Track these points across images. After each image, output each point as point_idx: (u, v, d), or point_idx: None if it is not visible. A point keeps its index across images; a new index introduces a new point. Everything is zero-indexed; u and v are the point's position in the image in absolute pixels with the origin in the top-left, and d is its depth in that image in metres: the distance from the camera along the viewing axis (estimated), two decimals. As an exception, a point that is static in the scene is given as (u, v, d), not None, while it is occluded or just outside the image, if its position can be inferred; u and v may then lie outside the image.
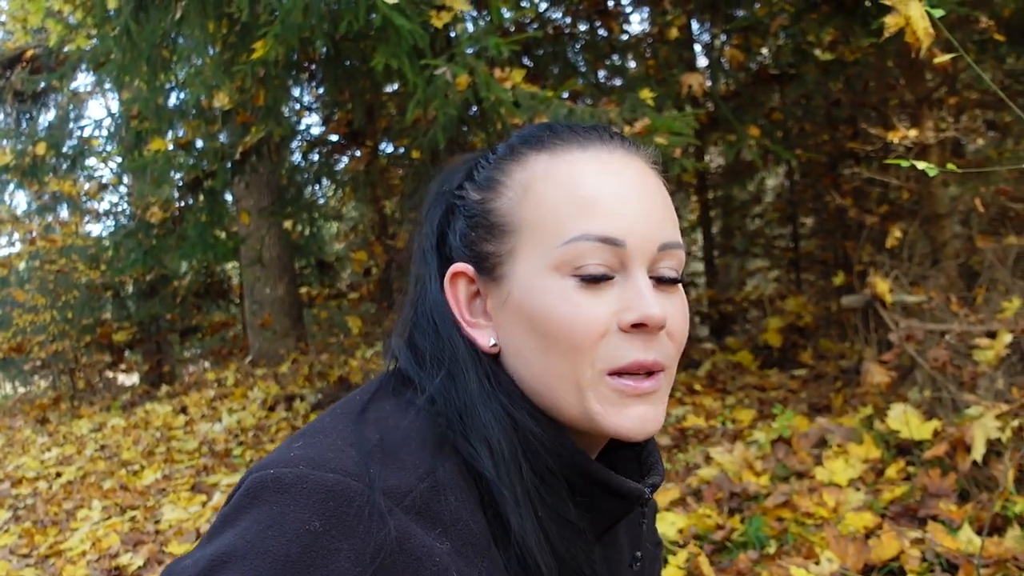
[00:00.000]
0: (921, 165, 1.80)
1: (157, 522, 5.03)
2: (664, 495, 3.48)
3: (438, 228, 0.99)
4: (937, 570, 2.49)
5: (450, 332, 0.92)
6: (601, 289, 0.87)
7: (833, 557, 2.61)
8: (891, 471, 3.34)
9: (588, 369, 0.87)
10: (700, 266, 9.94)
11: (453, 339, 0.92)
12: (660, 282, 0.90)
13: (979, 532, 2.60)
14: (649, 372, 0.88)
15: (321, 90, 6.84)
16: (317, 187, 8.31)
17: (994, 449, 3.03)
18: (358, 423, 0.86)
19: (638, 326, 0.86)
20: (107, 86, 12.82)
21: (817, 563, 2.62)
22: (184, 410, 8.78)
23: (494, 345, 0.92)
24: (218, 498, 5.29)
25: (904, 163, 1.83)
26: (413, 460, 0.82)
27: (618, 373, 0.87)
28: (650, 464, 1.03)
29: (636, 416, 0.88)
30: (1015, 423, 2.99)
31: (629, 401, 0.87)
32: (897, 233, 5.00)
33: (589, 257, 0.86)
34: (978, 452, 2.98)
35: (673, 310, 0.91)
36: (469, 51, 4.11)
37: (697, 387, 5.70)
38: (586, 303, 0.86)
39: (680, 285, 0.94)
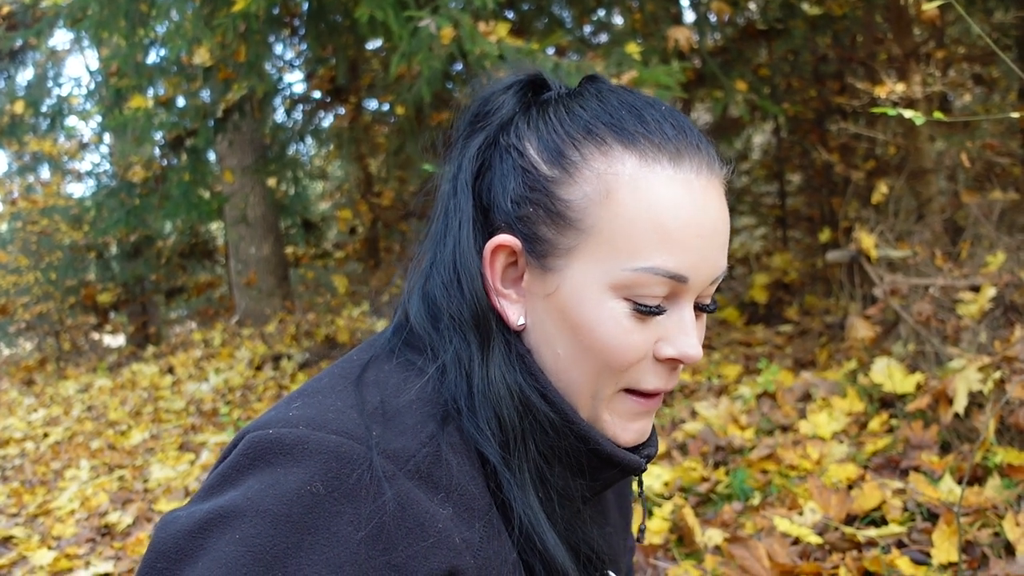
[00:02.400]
0: (908, 114, 1.80)
1: (146, 481, 5.05)
2: (650, 449, 3.51)
3: (474, 161, 0.92)
4: (918, 519, 2.52)
5: (477, 294, 0.88)
6: (650, 318, 0.86)
7: (816, 508, 2.65)
8: (874, 424, 3.38)
9: (612, 387, 0.88)
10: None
11: (480, 303, 0.88)
12: (699, 310, 0.90)
13: (960, 482, 2.64)
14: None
15: (304, 46, 6.74)
16: (301, 145, 8.23)
17: (976, 401, 3.06)
18: (358, 385, 0.85)
19: (672, 360, 0.87)
20: (85, 43, 12.61)
21: (800, 514, 2.66)
22: (171, 370, 8.77)
23: (521, 324, 0.90)
24: (206, 456, 5.30)
25: (892, 112, 1.82)
26: (415, 425, 0.81)
27: (635, 392, 0.89)
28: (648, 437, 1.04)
29: (636, 430, 0.91)
30: (996, 375, 3.01)
31: (637, 417, 0.90)
32: (883, 189, 5.00)
33: (652, 288, 0.84)
34: (960, 404, 3.01)
35: (700, 337, 0.91)
36: (453, 4, 4.05)
37: (683, 343, 5.71)
38: (635, 331, 0.85)
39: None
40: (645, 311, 0.84)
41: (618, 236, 0.83)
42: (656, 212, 0.82)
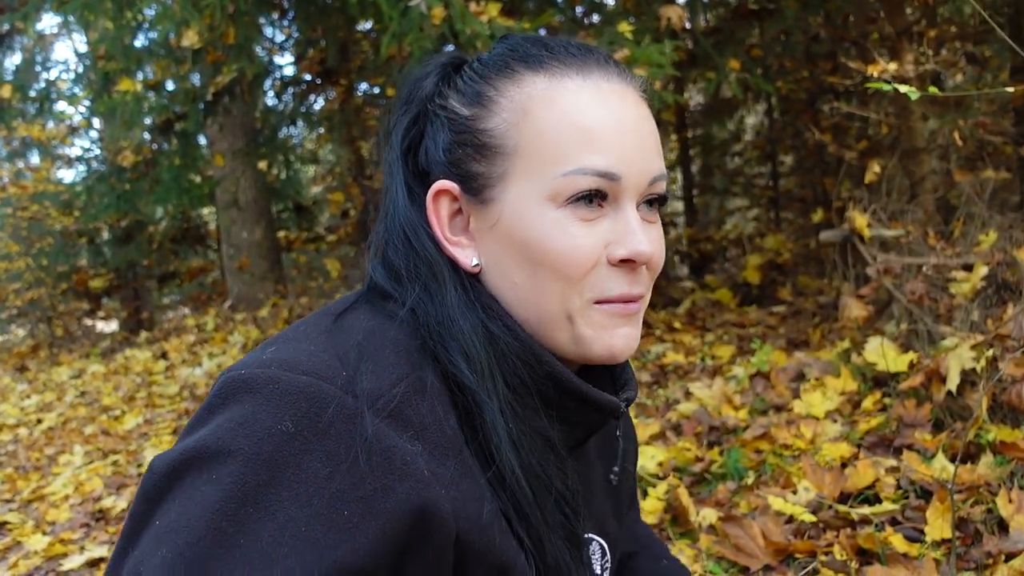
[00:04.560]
0: (903, 89, 1.78)
1: (139, 465, 5.04)
2: (644, 429, 3.52)
3: (405, 136, 0.97)
4: (912, 497, 2.53)
5: (424, 245, 0.92)
6: (594, 220, 0.88)
7: (810, 486, 2.65)
8: (867, 403, 3.38)
9: (577, 298, 0.89)
10: (680, 205, 9.94)
11: (429, 253, 0.91)
12: (647, 206, 0.93)
13: (953, 460, 2.65)
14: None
15: (294, 28, 6.68)
16: (292, 128, 8.19)
17: (969, 379, 3.06)
18: (333, 329, 0.87)
19: (626, 261, 0.89)
20: (73, 27, 12.49)
21: (794, 492, 2.66)
22: (164, 355, 8.75)
23: (476, 265, 0.92)
24: (200, 441, 5.29)
25: (886, 87, 1.81)
26: (388, 366, 0.82)
27: (607, 302, 0.90)
28: (624, 380, 1.05)
29: (623, 336, 0.91)
30: (989, 353, 3.02)
31: (619, 322, 0.90)
32: (876, 168, 4.99)
33: (586, 189, 0.86)
34: (953, 382, 3.01)
35: (654, 238, 0.92)
36: (444, -17, 4.01)
37: (677, 325, 5.73)
38: (580, 234, 0.87)
39: (657, 214, 0.96)
40: (586, 197, 0.87)
41: (542, 148, 0.87)
42: (572, 117, 0.87)
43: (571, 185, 0.86)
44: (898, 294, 3.95)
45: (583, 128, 0.86)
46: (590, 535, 1.06)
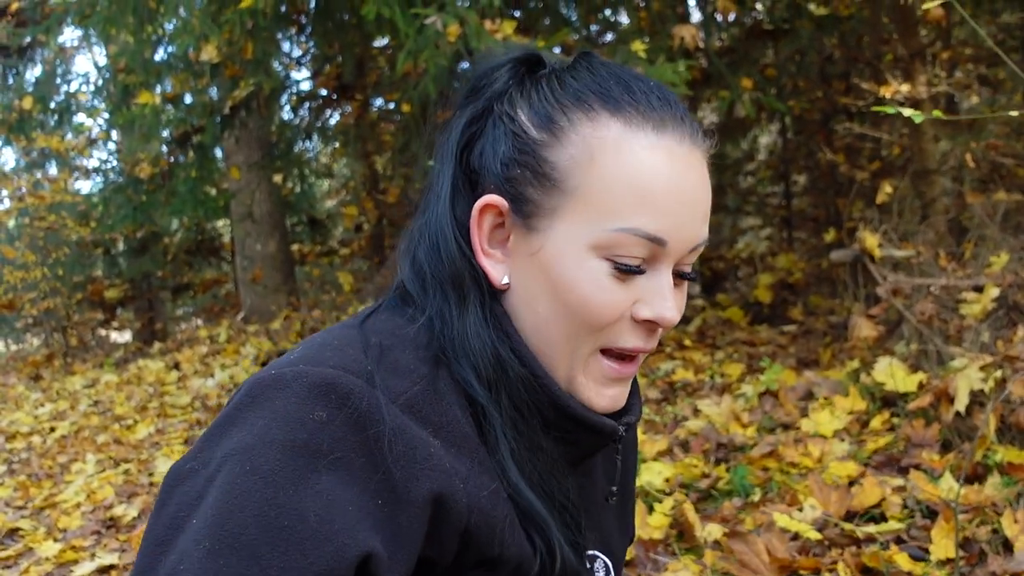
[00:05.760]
0: (907, 112, 1.81)
1: (151, 474, 5.07)
2: (651, 446, 3.52)
3: (465, 132, 0.96)
4: (918, 516, 2.53)
5: (454, 253, 0.92)
6: (629, 279, 0.89)
7: (816, 504, 2.66)
8: (876, 422, 3.38)
9: (588, 345, 0.91)
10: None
11: (457, 261, 0.92)
12: (679, 276, 0.94)
13: (958, 479, 2.65)
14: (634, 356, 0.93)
15: (311, 43, 6.76)
16: (307, 142, 8.26)
17: (977, 400, 3.07)
18: (357, 330, 0.89)
19: (649, 321, 0.90)
20: (94, 40, 12.65)
21: (800, 510, 2.67)
22: (177, 366, 8.80)
23: (506, 283, 0.93)
24: (211, 451, 5.32)
25: (891, 110, 1.83)
26: (407, 365, 0.85)
27: (611, 352, 0.92)
28: (628, 405, 1.05)
29: (610, 396, 0.94)
30: (998, 374, 3.02)
31: (612, 384, 0.93)
32: (888, 189, 5.00)
33: (631, 248, 0.87)
34: (961, 403, 3.01)
35: (679, 303, 0.94)
36: (460, 1, 4.07)
37: (687, 342, 5.73)
38: (613, 291, 0.88)
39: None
40: (624, 269, 0.87)
41: (600, 198, 0.87)
42: (637, 175, 0.86)
43: (618, 242, 0.86)
44: (908, 314, 3.95)
45: (645, 190, 0.86)
46: (594, 552, 1.07)
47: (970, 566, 2.20)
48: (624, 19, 7.07)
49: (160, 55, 6.63)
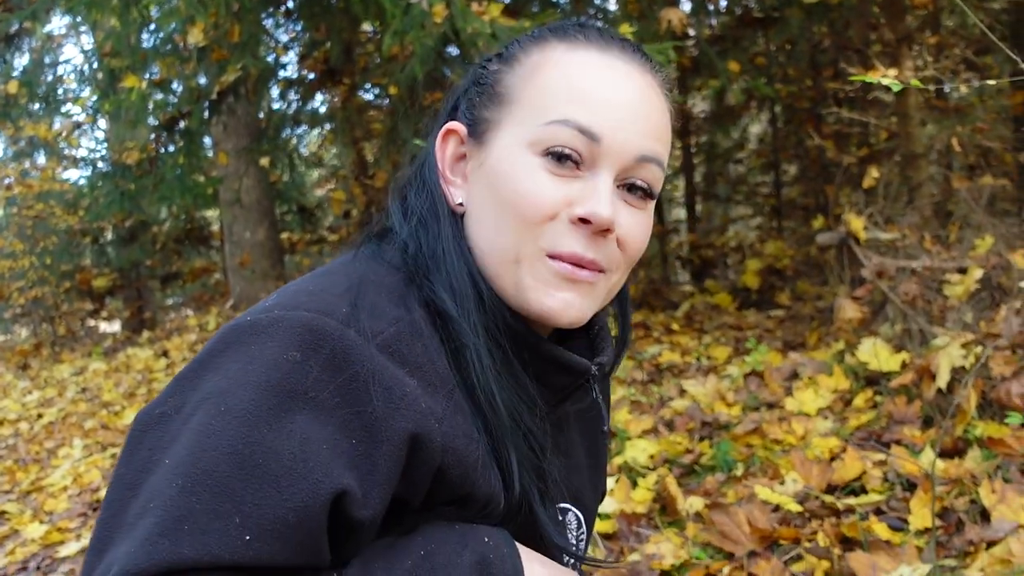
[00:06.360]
0: (887, 81, 1.81)
1: (138, 458, 5.06)
2: (637, 425, 3.54)
3: (457, 94, 1.03)
4: (897, 488, 2.55)
5: (434, 183, 0.98)
6: (565, 177, 0.90)
7: (798, 478, 2.67)
8: (859, 400, 3.40)
9: (530, 245, 0.90)
10: (682, 212, 9.96)
11: (434, 190, 0.97)
12: (629, 191, 0.93)
13: (936, 451, 2.67)
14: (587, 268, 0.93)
15: (298, 27, 6.74)
16: (296, 129, 8.24)
17: (958, 377, 3.08)
18: (333, 275, 0.90)
19: (584, 221, 0.89)
20: (82, 29, 12.57)
21: (782, 483, 2.68)
22: (165, 354, 8.78)
23: (460, 204, 0.97)
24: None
25: (871, 79, 1.83)
26: (383, 307, 0.86)
27: (558, 258, 0.91)
28: (601, 347, 1.06)
29: (562, 299, 0.91)
30: (979, 351, 3.04)
31: (562, 284, 0.91)
32: (874, 173, 5.01)
33: (564, 143, 0.89)
34: (943, 380, 3.03)
35: (631, 221, 0.94)
36: (446, -18, 4.05)
37: (675, 327, 5.75)
38: (545, 182, 0.89)
39: (650, 205, 0.97)
40: (557, 156, 0.89)
41: (536, 100, 0.92)
42: (572, 77, 0.91)
43: (551, 134, 0.89)
44: (892, 295, 3.97)
45: (577, 87, 0.90)
46: (566, 505, 1.08)
47: (948, 535, 2.22)
48: (612, 6, 7.07)
49: (147, 41, 6.59)
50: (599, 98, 0.90)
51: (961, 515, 2.28)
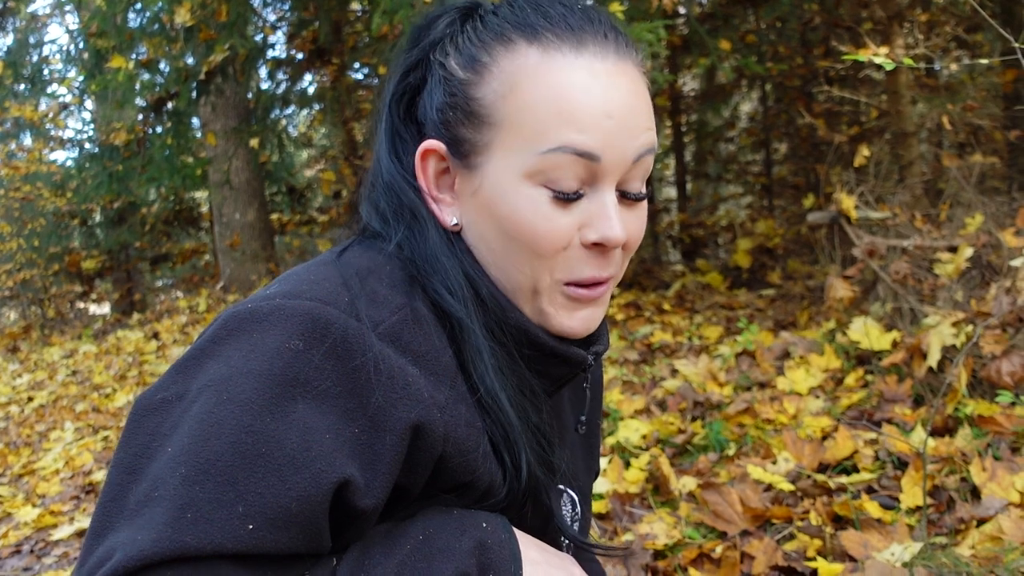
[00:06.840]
0: (878, 59, 1.80)
1: (130, 441, 5.05)
2: (629, 405, 3.55)
3: (400, 82, 0.97)
4: (889, 467, 2.57)
5: (406, 194, 0.94)
6: (571, 203, 0.88)
7: (790, 457, 2.69)
8: (850, 379, 3.42)
9: (547, 277, 0.90)
10: (672, 191, 9.95)
11: (410, 200, 0.94)
12: (625, 196, 0.92)
13: (928, 429, 2.68)
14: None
15: (286, 6, 6.67)
16: (285, 109, 8.18)
17: (949, 356, 3.10)
18: (333, 264, 0.89)
19: (598, 244, 0.90)
20: (67, 8, 12.43)
21: (774, 463, 2.70)
22: (156, 336, 8.76)
23: (455, 224, 0.94)
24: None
25: (862, 57, 1.83)
26: (385, 296, 0.85)
27: (576, 284, 0.91)
28: (596, 335, 1.06)
29: (581, 318, 0.93)
30: (969, 329, 3.05)
31: (581, 306, 0.93)
32: (865, 152, 5.02)
33: (565, 170, 0.86)
34: (933, 358, 3.05)
35: (632, 225, 0.93)
36: (435, -40, 4.01)
37: (666, 307, 5.76)
38: (554, 216, 0.88)
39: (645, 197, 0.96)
40: (563, 198, 0.87)
41: (526, 124, 0.87)
42: (557, 96, 0.86)
43: (550, 164, 0.86)
44: (883, 274, 3.98)
45: (567, 108, 0.85)
46: (562, 487, 1.09)
47: (939, 513, 2.24)
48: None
49: (133, 20, 6.52)
50: (589, 113, 0.85)
51: (952, 493, 2.29)
